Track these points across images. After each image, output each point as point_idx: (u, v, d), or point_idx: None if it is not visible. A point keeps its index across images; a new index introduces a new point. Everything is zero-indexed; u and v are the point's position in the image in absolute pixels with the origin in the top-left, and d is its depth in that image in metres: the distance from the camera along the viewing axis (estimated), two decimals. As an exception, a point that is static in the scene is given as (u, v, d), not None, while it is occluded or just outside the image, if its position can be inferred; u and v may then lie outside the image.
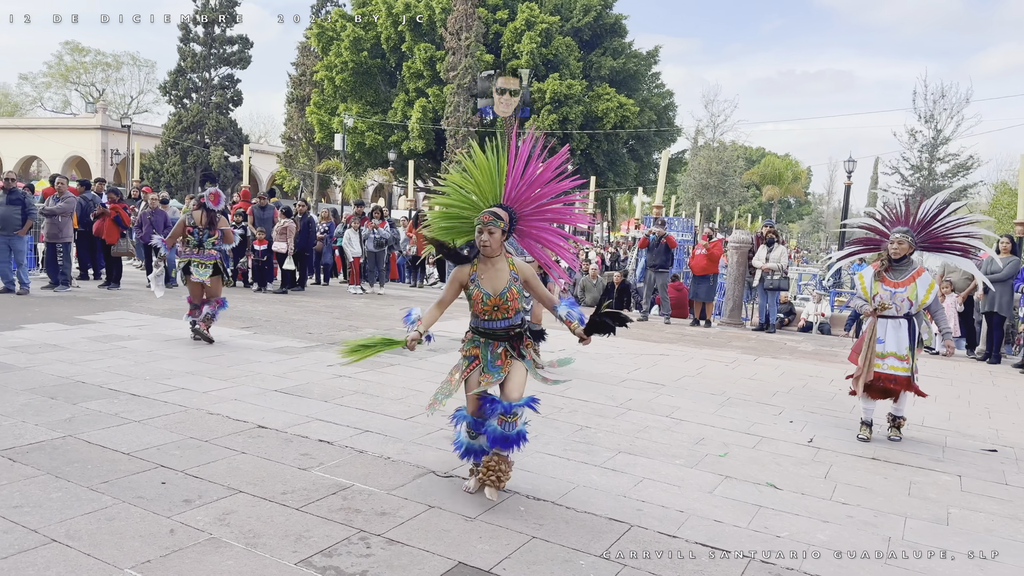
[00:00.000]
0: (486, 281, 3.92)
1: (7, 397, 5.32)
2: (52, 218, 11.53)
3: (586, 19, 35.04)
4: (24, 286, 10.99)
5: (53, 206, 11.55)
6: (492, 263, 3.93)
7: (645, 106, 35.96)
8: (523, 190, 4.04)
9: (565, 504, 3.94)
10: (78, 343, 7.44)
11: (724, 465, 4.81)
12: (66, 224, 11.74)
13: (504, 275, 3.91)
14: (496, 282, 3.91)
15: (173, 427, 4.86)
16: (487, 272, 3.93)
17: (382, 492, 3.96)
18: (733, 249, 12.79)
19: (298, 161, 42.28)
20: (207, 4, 42.19)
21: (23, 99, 64.71)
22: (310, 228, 14.09)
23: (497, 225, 3.84)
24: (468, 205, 4.12)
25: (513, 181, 4.02)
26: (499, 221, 3.85)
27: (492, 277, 3.92)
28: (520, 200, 4.04)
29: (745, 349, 10.14)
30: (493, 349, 3.99)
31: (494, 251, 3.89)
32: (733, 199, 54.99)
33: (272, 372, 6.70)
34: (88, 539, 3.20)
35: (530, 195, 4.05)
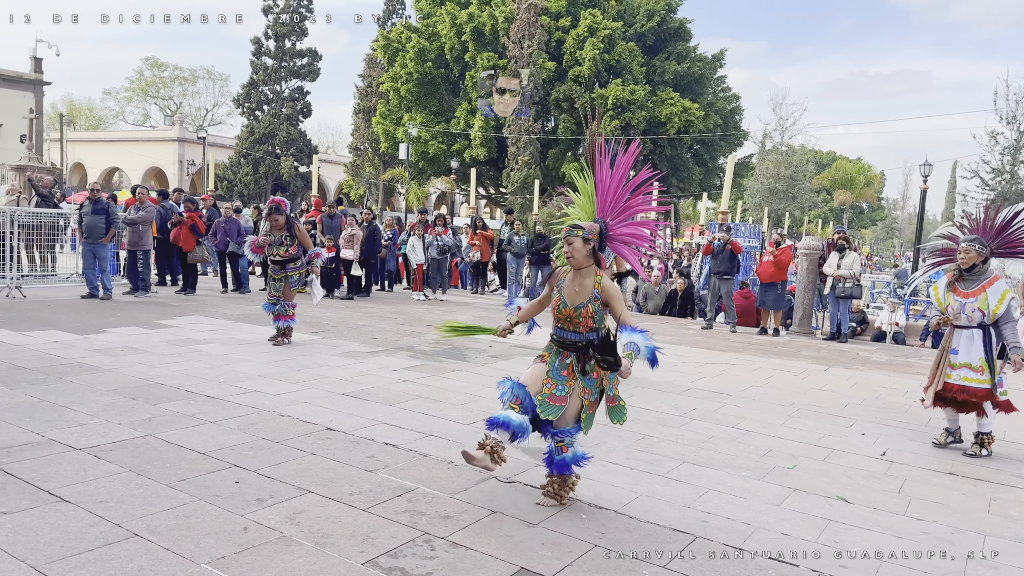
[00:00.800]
0: (568, 290, 3.94)
1: (92, 397, 5.60)
2: (133, 227, 12.09)
3: (649, 24, 34.77)
4: (107, 291, 11.53)
5: (134, 215, 12.12)
6: (580, 275, 3.91)
7: (710, 110, 35.41)
8: (609, 198, 4.09)
9: (628, 513, 3.91)
10: (157, 346, 7.77)
11: (792, 478, 4.70)
12: (146, 232, 12.29)
13: (587, 291, 3.88)
14: (576, 295, 3.90)
15: (246, 428, 5.03)
16: (573, 282, 3.93)
17: (446, 496, 4.01)
18: (803, 256, 12.48)
19: (364, 170, 43.19)
20: (278, 19, 43.57)
21: (106, 113, 68.11)
22: (376, 236, 14.38)
23: (575, 234, 3.85)
24: None
25: (601, 193, 4.09)
26: (577, 230, 3.86)
27: (574, 289, 3.92)
28: (607, 209, 4.09)
29: (815, 359, 9.87)
30: (562, 359, 3.99)
31: (578, 262, 3.87)
32: (803, 204, 53.62)
33: (339, 376, 6.86)
34: (167, 534, 3.35)
35: (613, 199, 4.09)
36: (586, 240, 3.86)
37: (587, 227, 3.90)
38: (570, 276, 3.95)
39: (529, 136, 32.70)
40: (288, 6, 43.79)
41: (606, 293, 3.88)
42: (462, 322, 4.34)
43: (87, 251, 11.53)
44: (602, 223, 4.01)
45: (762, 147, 54.81)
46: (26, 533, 3.27)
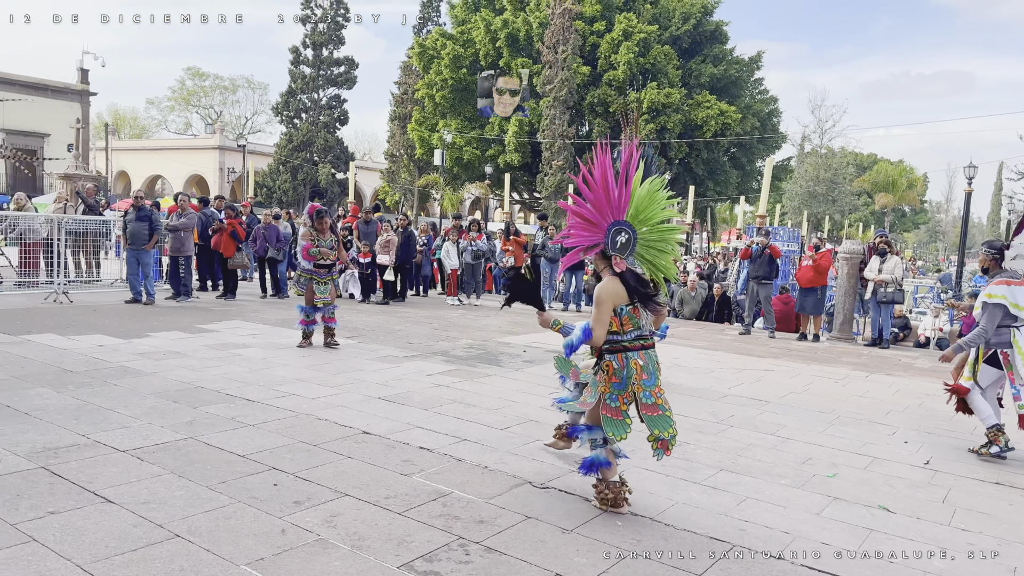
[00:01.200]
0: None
1: (136, 400, 5.73)
2: (175, 233, 12.36)
3: (685, 27, 34.53)
4: (150, 296, 11.79)
5: (176, 222, 12.39)
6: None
7: (747, 113, 35.02)
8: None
9: (664, 521, 3.88)
10: (198, 351, 7.93)
11: (833, 486, 4.61)
12: (188, 239, 12.55)
13: None
14: None
15: (284, 431, 5.10)
16: None
17: (480, 500, 4.02)
18: (843, 260, 12.25)
19: (400, 176, 43.57)
20: (316, 28, 44.22)
21: (150, 122, 69.76)
22: (411, 241, 14.48)
23: None
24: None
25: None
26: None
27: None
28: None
29: (856, 365, 9.68)
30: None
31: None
32: (843, 207, 52.69)
33: (375, 380, 6.92)
34: (208, 535, 3.41)
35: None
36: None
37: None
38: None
39: (563, 141, 32.67)
40: (325, 15, 44.43)
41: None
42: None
43: (131, 257, 11.83)
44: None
45: (801, 150, 53.98)
46: (73, 533, 3.36)
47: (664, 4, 35.52)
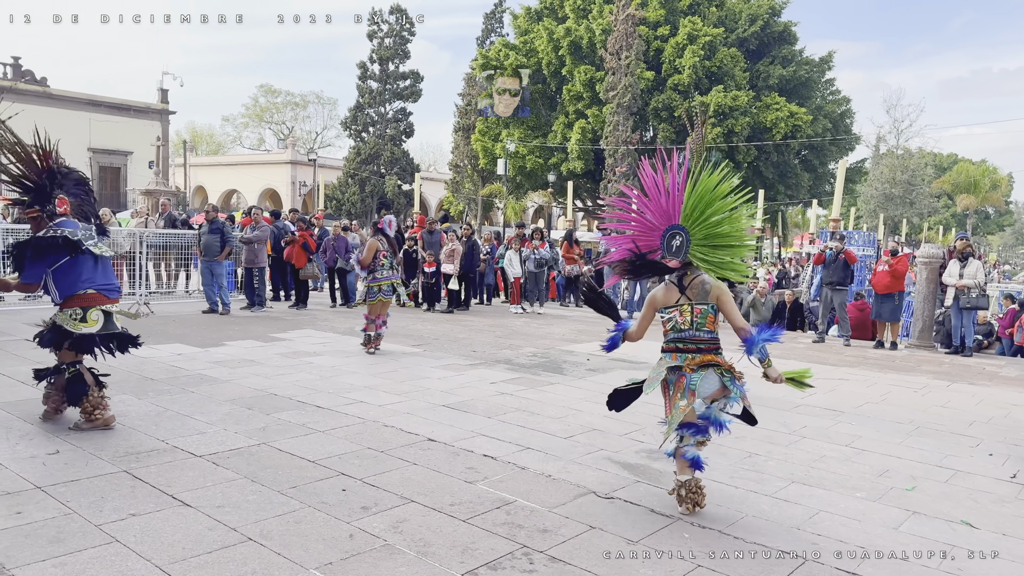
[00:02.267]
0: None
1: (212, 407, 5.94)
2: (249, 245, 12.77)
3: (752, 29, 33.86)
4: (226, 307, 12.22)
5: (250, 235, 12.81)
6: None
7: (819, 114, 34.06)
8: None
9: (733, 534, 3.79)
10: (271, 359, 8.17)
11: (912, 500, 4.42)
12: (261, 251, 12.96)
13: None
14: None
15: (352, 438, 5.20)
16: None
17: (544, 509, 4.01)
18: (922, 265, 11.77)
19: (464, 187, 44.01)
20: (382, 43, 45.19)
21: (225, 138, 72.44)
22: (475, 250, 14.60)
23: None
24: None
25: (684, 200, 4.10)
26: None
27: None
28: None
29: (937, 374, 9.27)
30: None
31: None
32: (921, 210, 50.63)
33: (440, 388, 6.99)
34: (279, 539, 3.50)
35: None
36: None
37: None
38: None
39: (627, 147, 32.43)
40: (391, 31, 45.36)
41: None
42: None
43: (205, 268, 12.35)
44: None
45: (876, 151, 52.16)
46: (152, 534, 3.50)
47: (730, 6, 34.94)
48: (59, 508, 3.76)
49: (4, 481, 4.10)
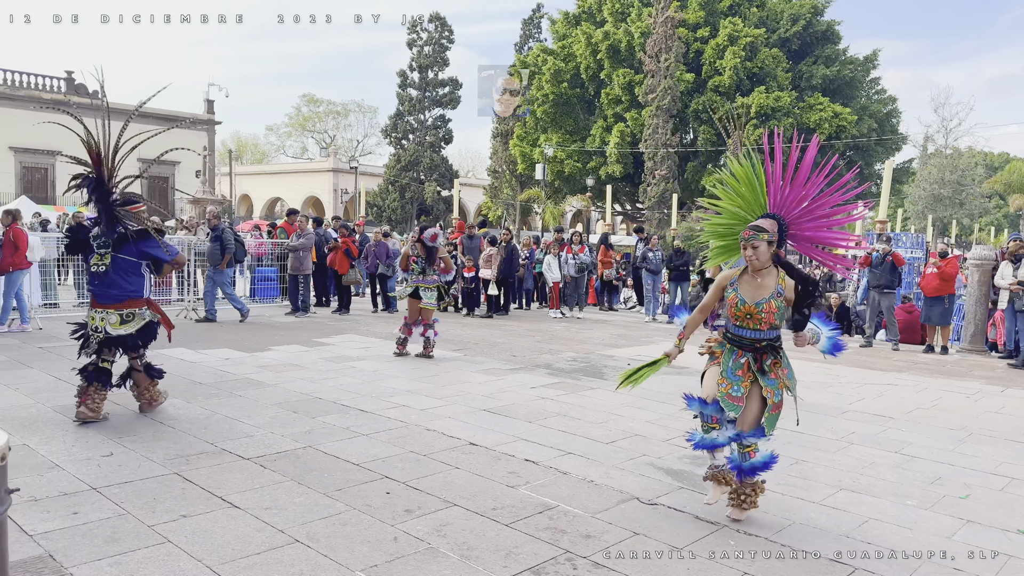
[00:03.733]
0: (745, 288, 3.93)
1: (258, 410, 6.05)
2: (294, 253, 12.96)
3: (794, 29, 33.35)
4: (242, 312, 11.98)
5: (295, 243, 13.00)
6: (760, 273, 3.91)
7: (863, 114, 33.36)
8: (787, 195, 4.00)
9: (780, 541, 3.73)
10: (316, 363, 8.29)
11: (965, 508, 4.30)
12: (306, 258, 13.13)
13: (768, 288, 3.88)
14: (757, 292, 3.90)
15: (395, 441, 5.26)
16: (752, 280, 3.93)
17: (586, 515, 3.99)
18: (974, 267, 11.44)
19: (502, 192, 44.13)
20: (422, 51, 45.63)
21: (269, 148, 73.84)
22: (513, 255, 14.63)
23: (760, 238, 3.83)
24: (737, 220, 4.17)
25: (775, 188, 4.01)
26: (761, 233, 3.84)
27: (755, 286, 3.91)
28: (786, 205, 4.01)
29: (990, 379, 9.00)
30: (736, 358, 3.96)
31: (761, 264, 3.87)
32: (971, 211, 49.26)
33: (480, 392, 7.02)
34: (325, 541, 3.55)
35: (794, 197, 4.00)
36: (770, 243, 3.85)
37: (769, 228, 3.87)
38: (747, 274, 3.95)
39: (667, 150, 32.18)
40: (431, 39, 45.79)
41: (791, 291, 3.88)
42: (629, 367, 4.41)
43: (208, 277, 12.09)
44: (780, 220, 3.96)
45: (923, 151, 50.87)
46: (202, 535, 3.58)
47: (771, 7, 34.46)
48: (113, 509, 3.87)
49: (61, 482, 4.23)
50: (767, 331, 3.89)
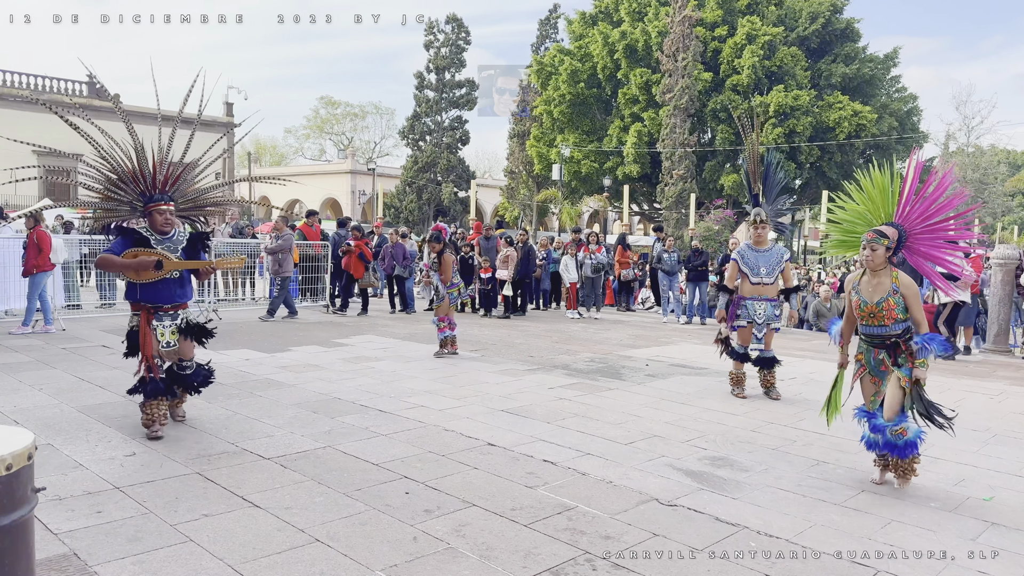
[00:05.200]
0: (865, 290, 4.40)
1: (279, 411, 6.09)
2: (273, 255, 12.46)
3: (813, 27, 33.10)
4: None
5: (272, 245, 12.54)
6: (876, 275, 4.38)
7: (884, 112, 33.05)
8: (916, 209, 4.40)
9: (801, 543, 3.70)
10: (335, 364, 8.34)
11: (990, 510, 4.24)
12: (286, 260, 12.58)
13: (885, 287, 4.33)
14: (875, 292, 4.35)
15: (414, 441, 5.27)
16: (869, 282, 4.41)
17: (605, 516, 3.98)
18: (997, 266, 11.29)
19: (519, 193, 44.15)
20: (439, 53, 45.76)
21: (287, 150, 74.33)
22: (530, 256, 14.62)
23: (880, 243, 4.30)
24: (861, 220, 4.64)
25: (907, 201, 4.41)
26: (882, 239, 4.30)
27: (872, 287, 4.38)
28: (912, 220, 4.42)
29: (1014, 380, 8.87)
30: (875, 355, 4.49)
31: (876, 265, 4.34)
32: (994, 210, 48.58)
33: (498, 393, 7.02)
34: (345, 541, 3.57)
35: (921, 213, 4.39)
36: (888, 248, 4.31)
37: (890, 235, 4.32)
38: (866, 278, 4.42)
39: (684, 149, 32.03)
40: (447, 40, 45.90)
41: (905, 289, 4.30)
42: (827, 402, 5.01)
43: None
44: (901, 230, 4.39)
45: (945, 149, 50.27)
46: (224, 534, 3.61)
47: (790, 5, 34.24)
48: (136, 508, 3.91)
49: (86, 481, 4.29)
50: (892, 326, 4.33)
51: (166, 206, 5.44)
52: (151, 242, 5.43)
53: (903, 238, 4.39)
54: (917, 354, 4.29)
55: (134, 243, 5.37)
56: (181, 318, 5.53)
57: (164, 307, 5.43)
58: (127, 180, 5.48)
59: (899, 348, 4.36)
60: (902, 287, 4.29)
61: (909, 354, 4.33)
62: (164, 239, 5.45)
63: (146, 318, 5.39)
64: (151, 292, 5.39)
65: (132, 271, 5.27)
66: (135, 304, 5.45)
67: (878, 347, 4.43)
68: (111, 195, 5.51)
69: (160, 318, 5.42)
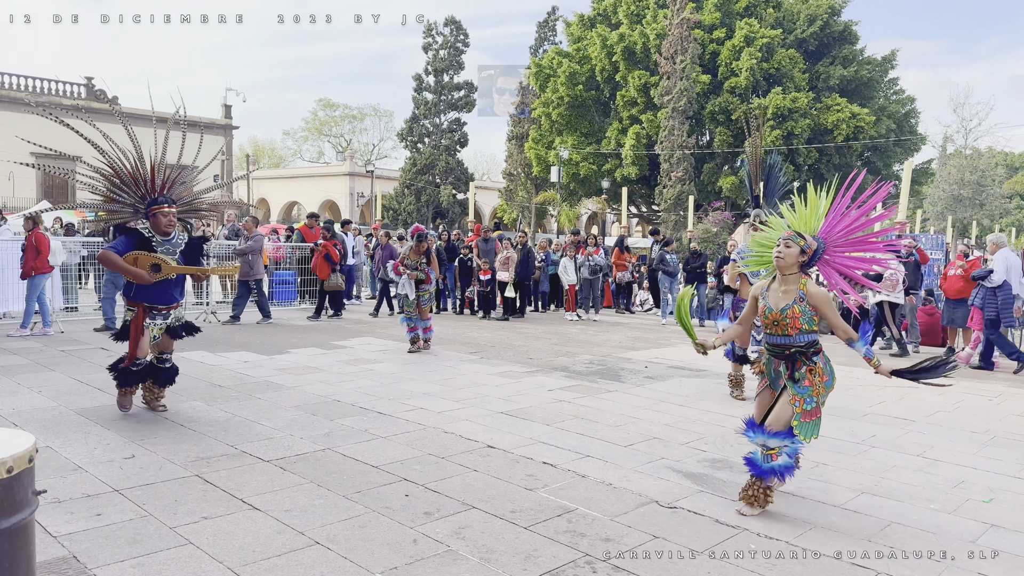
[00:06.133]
0: (772, 296, 4.12)
1: (278, 413, 6.09)
2: (243, 257, 12.06)
3: (811, 29, 33.16)
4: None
5: (243, 246, 12.20)
6: (784, 280, 4.08)
7: (882, 115, 33.10)
8: (838, 227, 4.18)
9: (800, 545, 3.70)
10: (334, 366, 8.33)
11: (989, 512, 4.24)
12: (256, 262, 12.28)
13: (791, 294, 4.05)
14: (780, 299, 4.07)
15: (413, 444, 5.27)
16: (777, 289, 4.12)
17: (605, 518, 3.98)
18: (994, 268, 11.28)
19: (517, 195, 44.16)
20: (437, 55, 45.80)
21: (286, 152, 74.36)
22: (529, 258, 14.63)
23: (796, 241, 4.03)
24: None
25: (832, 218, 4.19)
26: (800, 239, 4.04)
27: (779, 293, 4.09)
28: (834, 235, 4.19)
29: (1012, 382, 8.88)
30: (775, 366, 4.18)
31: (786, 265, 4.03)
32: (992, 212, 48.68)
33: (497, 395, 7.02)
34: (345, 543, 3.56)
35: (843, 230, 4.18)
36: (803, 252, 4.03)
37: (808, 241, 4.07)
38: (775, 283, 4.14)
39: (683, 151, 32.06)
40: (446, 42, 45.94)
41: (814, 297, 4.01)
42: (690, 324, 4.46)
43: (107, 281, 10.67)
44: (821, 243, 4.15)
45: (943, 151, 50.41)
46: (224, 537, 3.60)
47: (788, 7, 34.31)
48: (136, 510, 3.90)
49: (84, 484, 4.28)
50: (796, 336, 4.02)
51: (169, 208, 5.64)
52: (152, 243, 5.54)
53: (820, 251, 4.13)
54: (866, 355, 4.01)
55: (137, 243, 5.54)
56: (172, 317, 5.87)
57: (159, 307, 5.76)
58: (128, 183, 5.62)
59: (799, 361, 4.04)
60: (809, 295, 3.99)
61: (808, 369, 4.02)
62: (165, 241, 5.60)
63: (141, 315, 5.72)
64: (147, 293, 5.68)
65: (131, 276, 5.57)
66: (131, 301, 5.76)
67: (779, 357, 4.12)
68: (114, 197, 5.65)
69: (153, 316, 5.75)
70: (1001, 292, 9.83)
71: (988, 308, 9.88)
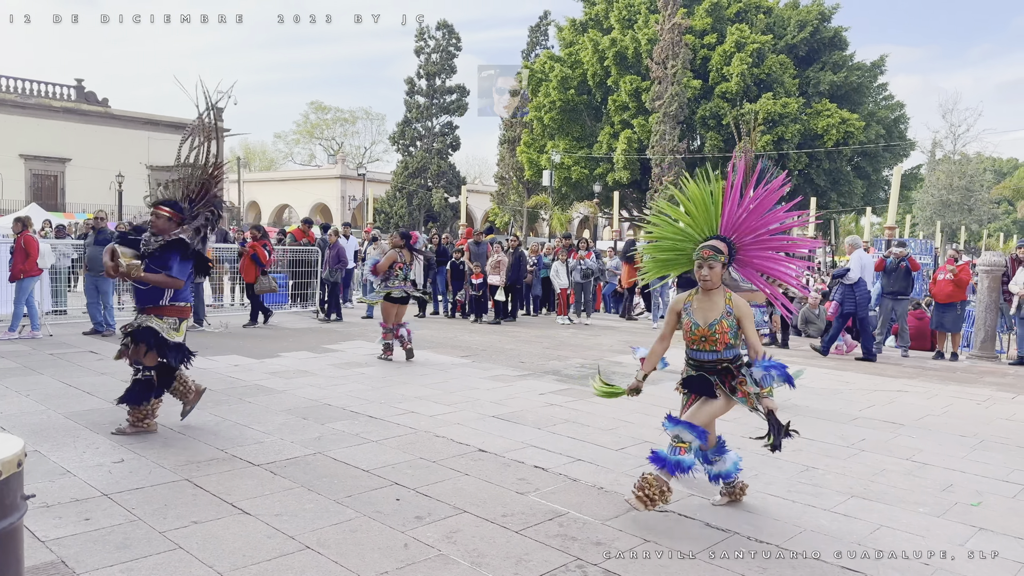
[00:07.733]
0: (698, 311, 4.00)
1: (269, 416, 6.07)
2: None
3: (801, 35, 33.41)
4: (110, 327, 10.43)
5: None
6: (709, 295, 3.98)
7: (871, 120, 33.37)
8: (741, 220, 4.06)
9: (791, 548, 3.71)
10: (324, 369, 8.31)
11: (978, 515, 4.27)
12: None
13: (719, 308, 3.94)
14: (708, 313, 3.96)
15: (405, 448, 5.26)
16: (702, 303, 4.00)
17: (597, 522, 3.99)
18: (984, 273, 11.39)
19: (509, 198, 44.23)
20: (429, 59, 45.83)
21: (277, 155, 74.18)
22: (521, 262, 14.63)
23: (717, 260, 3.89)
24: (682, 237, 4.25)
25: (730, 212, 4.06)
26: (719, 255, 3.90)
27: (705, 308, 3.97)
28: (738, 230, 4.07)
29: (1001, 386, 8.95)
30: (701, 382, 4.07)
31: (714, 284, 3.93)
32: (980, 217, 49.09)
33: (489, 399, 7.02)
34: (336, 548, 3.55)
35: (749, 225, 4.06)
36: (724, 265, 3.94)
37: (722, 250, 3.95)
38: (698, 297, 4.02)
39: (674, 156, 32.19)
40: (438, 46, 45.99)
41: (739, 310, 3.93)
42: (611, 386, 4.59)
43: (89, 285, 10.52)
44: (730, 242, 4.05)
45: (932, 157, 50.79)
46: (214, 542, 3.59)
47: (778, 13, 34.58)
48: (125, 515, 3.88)
49: (73, 488, 4.25)
50: (724, 351, 3.95)
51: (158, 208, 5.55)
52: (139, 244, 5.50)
53: (733, 251, 4.07)
54: (762, 382, 3.86)
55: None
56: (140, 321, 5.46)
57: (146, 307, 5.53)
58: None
59: (731, 374, 3.95)
60: (735, 308, 3.90)
61: (740, 381, 3.94)
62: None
63: None
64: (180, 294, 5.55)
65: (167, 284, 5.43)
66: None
67: (707, 372, 4.01)
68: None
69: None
70: (858, 288, 10.61)
71: (847, 303, 10.75)
